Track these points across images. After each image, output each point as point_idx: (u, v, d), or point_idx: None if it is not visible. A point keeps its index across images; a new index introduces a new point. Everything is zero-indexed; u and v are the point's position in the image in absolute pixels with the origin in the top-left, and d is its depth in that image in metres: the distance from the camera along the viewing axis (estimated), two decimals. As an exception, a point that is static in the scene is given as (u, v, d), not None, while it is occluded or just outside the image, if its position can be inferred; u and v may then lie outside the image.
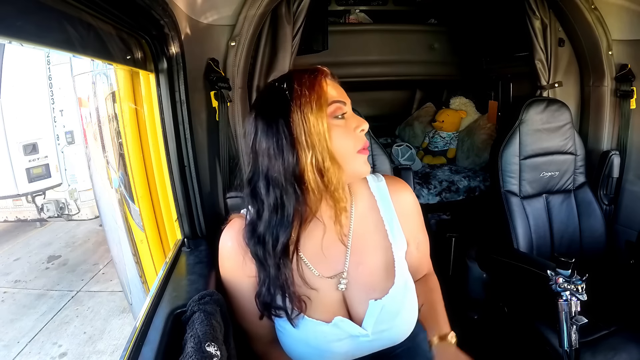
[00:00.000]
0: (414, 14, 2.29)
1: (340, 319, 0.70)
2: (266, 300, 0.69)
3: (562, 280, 0.91)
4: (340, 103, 0.68)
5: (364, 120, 0.70)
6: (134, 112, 1.15)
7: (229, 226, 0.74)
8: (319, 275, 0.72)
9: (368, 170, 0.71)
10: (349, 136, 0.68)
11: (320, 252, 0.72)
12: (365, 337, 0.71)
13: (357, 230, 0.74)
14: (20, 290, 2.94)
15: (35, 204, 3.51)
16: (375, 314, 0.70)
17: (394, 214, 0.77)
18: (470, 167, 2.13)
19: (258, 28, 1.17)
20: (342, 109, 0.68)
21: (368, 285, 0.72)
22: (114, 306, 2.65)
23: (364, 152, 0.69)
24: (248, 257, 0.70)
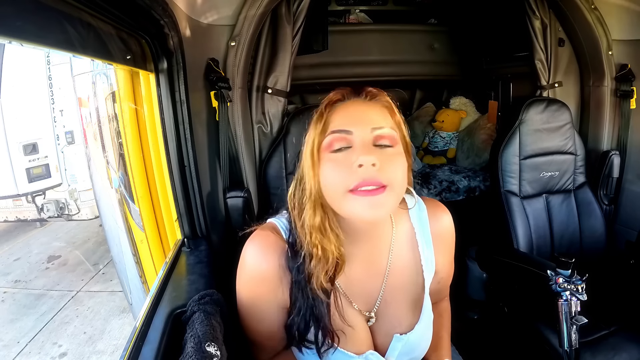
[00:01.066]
0: (414, 14, 2.29)
1: (371, 352, 0.67)
2: (299, 330, 0.64)
3: (562, 280, 0.91)
4: (338, 133, 0.59)
5: (369, 151, 0.57)
6: (134, 112, 1.15)
7: (264, 242, 0.65)
8: (354, 305, 0.68)
9: (368, 215, 0.57)
10: (340, 172, 0.57)
11: (357, 285, 0.68)
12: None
13: (394, 265, 0.69)
14: (20, 290, 2.94)
15: (35, 204, 3.51)
16: (398, 347, 0.69)
17: (430, 249, 0.71)
18: (470, 167, 2.13)
19: (258, 28, 1.17)
20: (341, 139, 0.59)
21: (395, 320, 0.70)
22: (114, 306, 2.65)
23: (359, 192, 0.56)
24: (283, 283, 0.64)
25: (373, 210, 0.56)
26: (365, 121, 0.60)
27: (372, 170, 0.56)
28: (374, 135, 0.59)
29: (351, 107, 0.62)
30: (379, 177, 0.56)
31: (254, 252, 0.65)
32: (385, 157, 0.58)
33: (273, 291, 0.65)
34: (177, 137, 0.94)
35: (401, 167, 0.59)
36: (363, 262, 0.68)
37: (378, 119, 0.61)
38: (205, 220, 1.02)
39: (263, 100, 1.26)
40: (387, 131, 0.60)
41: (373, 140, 0.59)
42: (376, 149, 0.58)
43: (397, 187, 0.58)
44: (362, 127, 0.59)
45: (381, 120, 0.61)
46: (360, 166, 0.56)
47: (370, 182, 0.56)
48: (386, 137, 0.59)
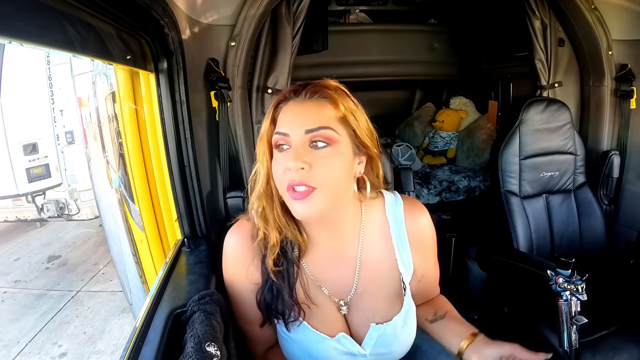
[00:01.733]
0: (414, 14, 2.29)
1: (344, 335, 0.70)
2: (267, 301, 0.69)
3: (562, 280, 0.91)
4: (278, 135, 0.63)
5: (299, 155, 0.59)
6: (134, 112, 1.15)
7: (236, 228, 0.72)
8: (325, 292, 0.71)
9: (300, 212, 0.61)
10: (279, 172, 0.62)
11: (328, 269, 0.72)
12: (363, 358, 0.71)
13: (366, 255, 0.72)
14: (20, 290, 2.94)
15: (35, 204, 3.51)
16: (374, 337, 0.71)
17: (406, 244, 0.73)
18: (470, 167, 2.13)
19: (258, 28, 1.17)
20: (281, 141, 0.62)
21: (370, 310, 0.72)
22: (114, 306, 2.64)
23: (292, 193, 0.60)
24: (254, 264, 0.70)
25: (304, 210, 0.61)
26: (299, 123, 0.61)
27: (300, 174, 0.59)
28: (308, 136, 0.61)
29: (290, 109, 0.64)
30: (307, 180, 0.59)
31: (229, 238, 0.72)
32: (318, 159, 0.60)
33: (245, 271, 0.70)
34: (177, 137, 0.94)
35: (336, 166, 0.62)
36: (331, 248, 0.71)
37: (313, 118, 0.61)
38: (205, 220, 1.02)
39: (263, 100, 1.26)
40: (323, 132, 0.61)
41: (309, 141, 0.61)
42: (310, 150, 0.61)
43: (328, 188, 0.61)
44: (296, 130, 0.61)
45: (316, 120, 0.61)
46: (289, 169, 0.60)
47: (299, 183, 0.59)
48: (320, 136, 0.61)
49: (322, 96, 0.63)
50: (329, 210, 0.64)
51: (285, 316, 0.69)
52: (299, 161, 0.59)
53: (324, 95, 0.64)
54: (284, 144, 0.62)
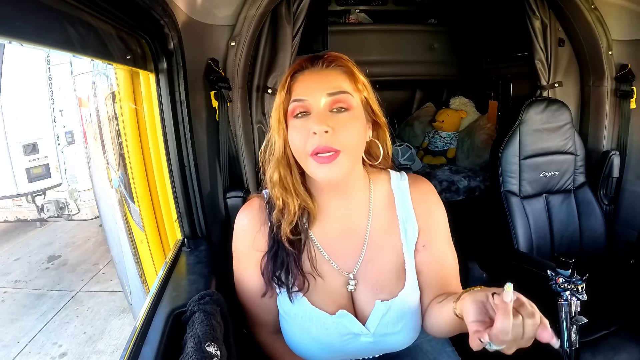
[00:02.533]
0: (414, 14, 2.29)
1: (344, 312, 0.70)
2: (271, 267, 0.70)
3: (562, 280, 0.91)
4: (297, 102, 0.65)
5: (322, 119, 0.62)
6: (134, 112, 1.15)
7: (247, 205, 0.76)
8: (331, 263, 0.72)
9: (325, 176, 0.63)
10: (301, 138, 0.64)
11: (336, 242, 0.73)
12: (367, 337, 0.70)
13: (374, 227, 0.73)
14: (20, 290, 2.94)
15: (35, 204, 3.51)
16: (380, 315, 0.70)
17: (411, 214, 0.74)
18: (470, 167, 2.13)
19: (258, 28, 1.17)
20: (300, 108, 0.64)
21: (377, 284, 0.71)
22: (114, 306, 2.65)
23: (316, 158, 0.62)
24: (261, 233, 0.72)
25: (329, 174, 0.63)
26: (319, 88, 0.64)
27: (325, 137, 0.61)
28: (329, 100, 0.63)
29: (308, 76, 0.67)
30: (332, 143, 0.61)
31: (240, 214, 0.75)
32: (339, 123, 0.63)
33: (253, 240, 0.72)
34: (177, 137, 0.94)
35: (356, 130, 0.65)
36: (341, 220, 0.73)
37: (332, 83, 0.64)
38: (205, 220, 1.02)
39: (263, 100, 1.25)
40: (342, 96, 0.64)
41: (329, 106, 0.64)
42: (331, 114, 0.63)
43: (350, 151, 0.64)
44: (317, 95, 0.63)
45: (335, 85, 0.64)
46: (314, 133, 0.61)
47: (324, 149, 0.61)
48: (341, 101, 0.64)
49: (338, 65, 0.67)
50: (349, 175, 0.67)
51: (289, 285, 0.69)
52: (324, 124, 0.61)
53: (339, 64, 0.67)
54: (304, 111, 0.64)
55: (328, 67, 0.67)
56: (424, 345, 0.88)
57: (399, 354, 0.85)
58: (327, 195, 0.72)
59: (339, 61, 0.67)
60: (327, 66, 0.67)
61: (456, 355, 0.89)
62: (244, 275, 0.75)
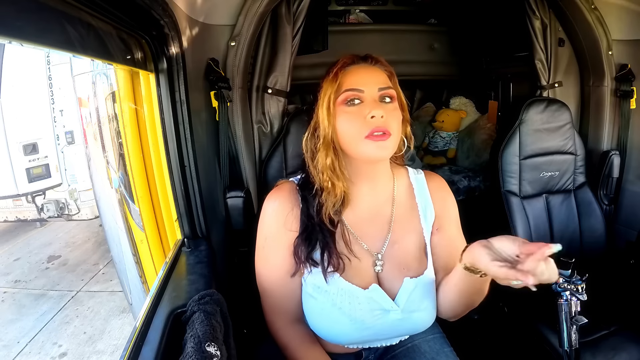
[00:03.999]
0: (414, 14, 2.29)
1: (376, 287, 0.75)
2: (304, 248, 0.74)
3: (562, 280, 0.91)
4: (352, 91, 0.73)
5: (377, 106, 0.71)
6: (134, 112, 1.15)
7: (277, 189, 0.81)
8: (364, 246, 0.78)
9: (377, 155, 0.72)
10: (355, 122, 0.72)
11: (365, 225, 0.80)
12: (395, 313, 0.74)
13: (397, 213, 0.82)
14: (20, 290, 2.94)
15: (35, 204, 3.51)
16: (409, 291, 0.76)
17: (429, 202, 0.84)
18: (470, 167, 2.13)
19: (258, 28, 1.17)
20: (355, 96, 0.73)
21: (403, 264, 0.78)
22: (114, 306, 2.65)
23: (373, 137, 0.70)
24: (293, 214, 0.77)
25: (381, 151, 0.72)
26: (373, 82, 0.74)
27: (381, 121, 0.71)
28: (380, 93, 0.74)
29: (361, 70, 0.76)
30: (385, 125, 0.71)
31: (270, 197, 0.80)
32: (389, 111, 0.73)
33: (284, 220, 0.77)
34: (177, 137, 0.94)
35: (399, 119, 0.76)
36: (370, 206, 0.81)
37: (382, 80, 0.76)
38: (205, 220, 1.02)
39: (263, 100, 1.25)
40: (389, 91, 0.75)
41: (379, 97, 0.74)
42: (381, 104, 0.73)
43: (396, 135, 0.74)
44: (371, 86, 0.73)
45: (385, 81, 0.76)
46: (373, 117, 0.70)
47: (380, 130, 0.71)
48: (388, 94, 0.75)
49: (383, 65, 0.79)
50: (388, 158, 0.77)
51: (325, 265, 0.73)
52: (381, 110, 0.71)
53: (384, 65, 0.79)
54: (357, 99, 0.73)
55: (376, 65, 0.78)
56: (422, 346, 0.88)
57: (397, 354, 0.86)
58: (360, 183, 0.79)
59: (382, 62, 0.79)
60: (376, 64, 0.78)
61: (454, 355, 0.89)
62: (272, 256, 0.78)
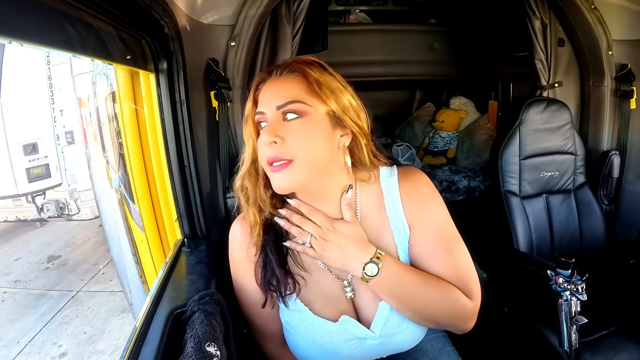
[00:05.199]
0: (414, 14, 2.29)
1: (347, 318, 0.68)
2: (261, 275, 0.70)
3: (562, 280, 0.91)
4: (258, 115, 0.65)
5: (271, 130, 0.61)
6: (134, 112, 1.15)
7: (239, 216, 0.75)
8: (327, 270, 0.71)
9: (282, 186, 0.63)
10: (261, 148, 0.64)
11: None
12: (373, 340, 0.69)
13: (364, 229, 0.69)
14: (20, 290, 2.94)
15: (35, 204, 3.51)
16: (384, 316, 0.68)
17: (400, 213, 0.70)
18: (470, 167, 2.13)
19: (258, 28, 1.17)
20: (260, 119, 0.65)
21: None
22: (114, 306, 2.65)
23: (270, 167, 0.62)
24: (252, 242, 0.71)
25: (282, 182, 0.62)
26: (271, 100, 0.64)
27: (275, 148, 0.61)
28: (280, 112, 0.63)
29: (266, 88, 0.66)
30: (281, 153, 0.61)
31: (232, 227, 0.75)
32: (290, 131, 0.62)
33: (246, 251, 0.72)
34: (177, 137, 0.94)
35: (309, 137, 0.62)
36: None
37: (283, 94, 0.63)
38: (205, 220, 1.03)
39: (263, 100, 1.25)
40: (290, 106, 0.62)
41: (282, 115, 0.63)
42: (282, 124, 0.62)
43: (304, 159, 0.62)
44: (269, 107, 0.64)
45: (286, 95, 0.63)
46: (265, 145, 0.62)
47: (274, 159, 0.62)
48: (289, 110, 0.62)
49: (291, 70, 0.65)
50: (311, 182, 0.65)
51: (281, 289, 0.69)
52: (271, 135, 0.61)
53: (293, 70, 0.65)
54: (263, 121, 0.65)
55: (281, 75, 0.65)
56: (424, 345, 0.88)
57: (398, 355, 0.85)
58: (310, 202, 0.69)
59: (293, 66, 0.65)
60: (281, 73, 0.66)
61: (456, 354, 0.89)
62: (243, 287, 0.74)
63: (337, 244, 0.65)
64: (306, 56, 0.68)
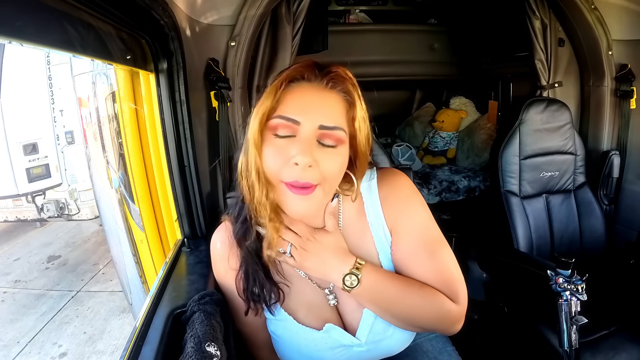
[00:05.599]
0: (414, 14, 2.29)
1: (331, 326, 0.67)
2: (244, 286, 0.67)
3: (562, 280, 0.91)
4: (285, 120, 0.56)
5: (308, 150, 0.55)
6: (134, 112, 1.15)
7: (218, 228, 0.72)
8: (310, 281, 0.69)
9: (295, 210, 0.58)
10: (277, 159, 0.56)
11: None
12: (359, 347, 0.68)
13: (345, 237, 0.67)
14: (20, 290, 2.94)
15: (35, 204, 3.51)
16: (369, 323, 0.67)
17: (380, 218, 0.67)
18: (470, 167, 2.13)
19: (258, 28, 1.17)
20: (286, 127, 0.56)
21: None
22: (114, 306, 2.65)
23: (291, 189, 0.56)
24: (232, 251, 0.68)
25: (300, 208, 0.58)
26: (315, 114, 0.56)
27: (307, 171, 0.55)
28: (320, 132, 0.57)
29: (307, 92, 0.58)
30: (312, 177, 0.56)
31: (213, 238, 0.72)
32: (324, 157, 0.56)
33: (227, 261, 0.69)
34: (177, 137, 0.94)
35: (339, 165, 0.59)
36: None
37: (330, 114, 0.57)
38: (205, 220, 1.03)
39: (263, 100, 1.25)
40: (335, 132, 0.57)
41: (318, 136, 0.57)
42: (318, 147, 0.57)
43: (328, 184, 0.58)
44: (311, 121, 0.56)
45: (333, 117, 0.57)
46: (296, 164, 0.55)
47: (303, 183, 0.56)
48: (331, 137, 0.57)
49: (344, 90, 0.59)
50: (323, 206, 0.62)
51: (265, 298, 0.66)
52: (310, 157, 0.54)
53: (345, 90, 0.59)
54: (288, 133, 0.56)
55: (332, 89, 0.59)
56: (424, 345, 0.88)
57: (398, 355, 0.85)
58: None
59: (345, 86, 0.59)
60: (332, 87, 0.59)
61: (457, 354, 0.89)
62: (231, 300, 0.72)
63: (316, 255, 0.63)
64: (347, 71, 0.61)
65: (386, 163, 1.34)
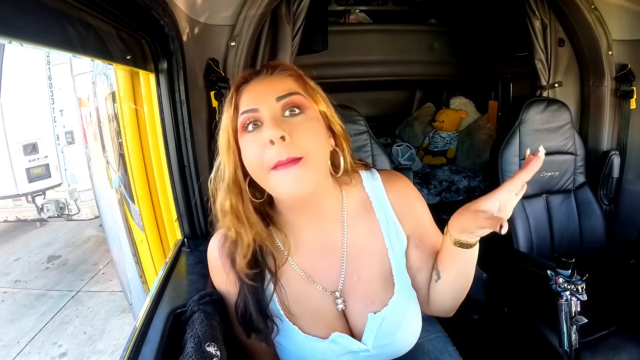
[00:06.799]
0: (414, 14, 2.29)
1: (338, 334, 0.65)
2: (245, 318, 0.65)
3: (562, 280, 0.91)
4: (246, 113, 0.58)
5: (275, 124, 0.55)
6: (134, 112, 1.15)
7: (215, 237, 0.69)
8: (318, 287, 0.67)
9: (292, 190, 0.56)
10: (255, 152, 0.57)
11: (315, 262, 0.67)
12: (366, 353, 0.67)
13: (351, 238, 0.67)
14: (20, 290, 2.94)
15: (35, 204, 3.51)
16: (375, 328, 0.66)
17: (391, 215, 0.68)
18: (470, 167, 2.13)
19: (258, 28, 1.17)
20: (250, 118, 0.58)
21: (366, 297, 0.67)
22: (114, 306, 2.65)
23: (279, 168, 0.55)
24: (232, 271, 0.65)
25: (295, 186, 0.55)
26: (268, 93, 0.58)
27: (284, 146, 0.55)
28: (280, 104, 0.58)
29: (255, 85, 0.61)
30: (292, 151, 0.55)
31: (209, 248, 0.69)
32: (295, 127, 0.57)
33: (226, 279, 0.67)
34: (177, 137, 0.94)
35: (316, 132, 0.59)
36: (316, 238, 0.67)
37: (281, 86, 0.59)
38: (205, 220, 1.02)
39: (263, 100, 1.25)
40: (294, 97, 0.58)
41: (281, 111, 0.58)
42: (285, 119, 0.57)
43: (314, 157, 0.57)
44: (266, 100, 0.58)
45: (284, 87, 0.59)
46: (272, 142, 0.55)
47: (286, 159, 0.55)
48: (294, 102, 0.58)
49: (283, 69, 0.63)
50: (317, 187, 0.60)
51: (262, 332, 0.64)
52: (279, 129, 0.54)
53: (284, 69, 0.63)
54: (254, 121, 0.58)
55: (273, 74, 0.62)
56: (425, 345, 0.88)
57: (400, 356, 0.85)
58: (298, 214, 0.65)
59: (283, 66, 0.63)
60: (272, 72, 0.62)
61: (457, 354, 0.89)
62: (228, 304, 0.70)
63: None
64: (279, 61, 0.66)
65: (386, 163, 1.34)
